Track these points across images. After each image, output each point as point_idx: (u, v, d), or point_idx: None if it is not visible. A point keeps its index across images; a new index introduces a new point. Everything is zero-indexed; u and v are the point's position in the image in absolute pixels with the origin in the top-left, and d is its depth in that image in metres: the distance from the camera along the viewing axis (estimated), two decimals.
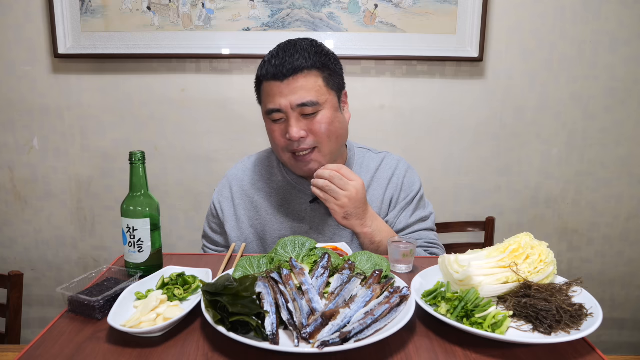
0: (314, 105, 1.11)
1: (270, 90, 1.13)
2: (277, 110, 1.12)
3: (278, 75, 1.10)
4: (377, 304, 0.80)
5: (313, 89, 1.12)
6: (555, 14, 1.87)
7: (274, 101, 1.12)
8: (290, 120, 1.12)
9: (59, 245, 2.09)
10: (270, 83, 1.12)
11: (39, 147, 2.00)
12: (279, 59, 1.11)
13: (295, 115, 1.12)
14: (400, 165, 1.31)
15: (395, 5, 1.84)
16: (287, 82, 1.10)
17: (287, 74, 1.10)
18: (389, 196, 1.28)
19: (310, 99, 1.10)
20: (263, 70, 1.14)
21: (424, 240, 1.26)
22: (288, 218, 1.26)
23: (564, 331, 0.78)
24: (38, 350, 0.76)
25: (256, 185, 1.30)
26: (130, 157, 0.99)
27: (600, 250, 2.08)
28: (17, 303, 1.46)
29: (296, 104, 1.10)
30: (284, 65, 1.10)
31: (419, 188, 1.30)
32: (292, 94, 1.10)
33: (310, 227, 1.26)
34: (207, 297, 0.79)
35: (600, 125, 1.97)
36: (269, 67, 1.12)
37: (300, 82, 1.10)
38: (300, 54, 1.11)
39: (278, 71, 1.10)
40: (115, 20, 1.86)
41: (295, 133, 1.11)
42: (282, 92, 1.11)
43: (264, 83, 1.15)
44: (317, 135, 1.14)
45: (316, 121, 1.13)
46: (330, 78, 1.15)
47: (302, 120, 1.13)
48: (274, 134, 1.16)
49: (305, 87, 1.11)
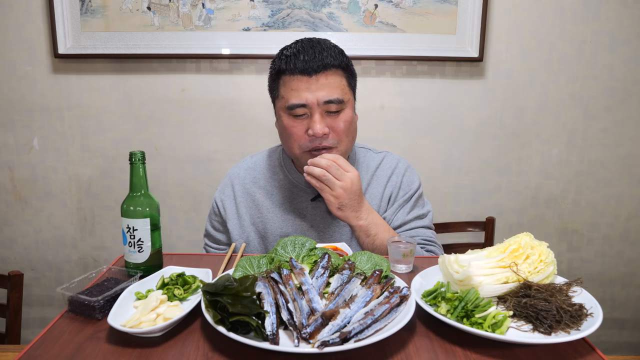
0: (339, 103, 1.13)
1: (296, 85, 1.12)
2: (302, 105, 1.12)
3: (307, 71, 1.11)
4: (377, 304, 0.80)
5: (339, 87, 1.13)
6: (555, 14, 1.87)
7: (299, 96, 1.12)
8: (314, 116, 1.12)
9: (59, 245, 2.09)
10: (297, 77, 1.12)
11: (39, 147, 2.00)
12: (307, 55, 1.11)
13: (320, 112, 1.12)
14: (400, 164, 1.32)
15: (395, 5, 1.84)
16: (315, 78, 1.11)
17: (317, 70, 1.11)
18: (388, 194, 1.29)
19: (337, 96, 1.12)
20: (289, 64, 1.13)
21: (421, 237, 1.26)
22: (289, 216, 1.27)
23: (564, 331, 0.78)
24: (38, 350, 0.76)
25: (258, 183, 1.31)
26: (130, 157, 0.99)
27: (600, 250, 2.08)
28: (17, 303, 1.46)
29: (323, 100, 1.11)
30: (314, 61, 1.10)
31: (418, 186, 1.31)
32: (320, 90, 1.11)
33: (311, 224, 1.26)
34: (207, 297, 0.79)
35: (600, 125, 1.97)
36: (296, 61, 1.12)
37: (328, 79, 1.12)
38: (328, 52, 1.13)
39: (308, 66, 1.10)
40: (115, 20, 1.86)
41: (319, 129, 1.11)
42: (309, 88, 1.11)
43: (287, 77, 1.14)
44: (338, 134, 1.15)
45: (339, 119, 1.14)
46: (350, 78, 1.18)
47: (325, 117, 1.13)
48: (293, 129, 1.15)
49: (332, 85, 1.12)
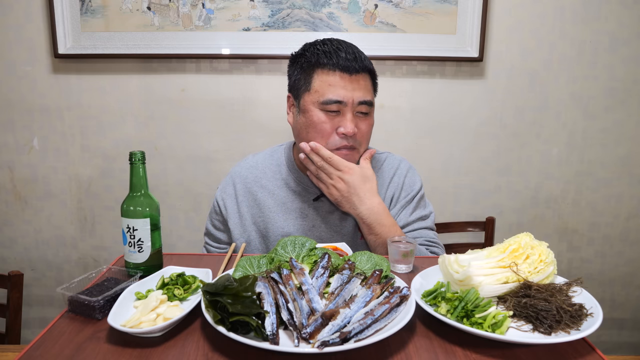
0: (370, 105, 1.16)
1: (333, 81, 1.13)
2: (338, 101, 1.13)
3: (349, 69, 1.13)
4: (377, 304, 0.80)
5: (371, 90, 1.18)
6: (555, 14, 1.87)
7: (336, 92, 1.13)
8: (347, 115, 1.14)
9: (59, 245, 2.09)
10: (337, 74, 1.13)
11: (39, 147, 2.00)
12: (349, 54, 1.14)
13: (352, 111, 1.14)
14: (402, 165, 1.32)
15: (395, 5, 1.84)
16: (355, 77, 1.14)
17: (358, 70, 1.14)
18: (390, 195, 1.29)
19: (369, 98, 1.16)
20: (330, 59, 1.14)
21: (424, 238, 1.26)
22: (291, 215, 1.27)
23: (564, 331, 0.78)
24: (38, 350, 0.76)
25: (259, 182, 1.31)
26: (130, 157, 0.99)
27: (600, 250, 2.08)
28: (17, 303, 1.46)
29: (359, 100, 1.14)
30: (355, 61, 1.13)
31: (420, 187, 1.31)
32: (357, 90, 1.14)
33: (313, 224, 1.26)
34: (207, 297, 0.79)
35: (601, 125, 1.97)
36: (338, 58, 1.13)
37: (364, 81, 1.16)
38: (364, 56, 1.16)
39: (350, 65, 1.13)
40: (115, 20, 1.86)
41: (351, 128, 1.13)
42: (347, 86, 1.13)
43: (325, 72, 1.14)
44: (362, 136, 1.18)
45: (366, 122, 1.18)
46: (375, 85, 1.22)
47: (354, 118, 1.15)
48: (324, 125, 1.15)
49: (366, 87, 1.16)
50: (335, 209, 1.26)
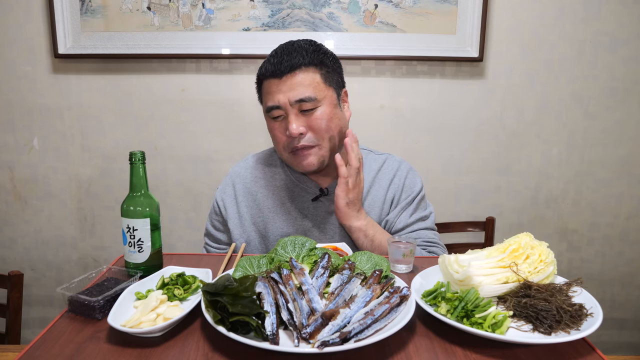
0: (311, 100, 1.13)
1: (269, 88, 1.15)
2: (276, 107, 1.14)
3: (276, 73, 1.13)
4: (377, 304, 0.80)
5: (311, 85, 1.14)
6: (555, 14, 1.87)
7: (272, 98, 1.14)
8: (289, 117, 1.14)
9: (59, 245, 2.09)
10: (270, 81, 1.15)
11: (39, 147, 2.00)
12: (277, 58, 1.14)
13: (294, 112, 1.14)
14: (402, 167, 1.32)
15: (395, 5, 1.84)
16: (285, 79, 1.13)
17: (285, 71, 1.13)
18: (390, 197, 1.29)
19: (307, 94, 1.13)
20: (262, 69, 1.17)
21: (423, 239, 1.26)
22: (290, 216, 1.27)
23: (564, 331, 0.78)
24: (38, 350, 0.76)
25: (259, 183, 1.31)
26: (130, 157, 0.99)
27: (600, 250, 2.08)
28: (17, 303, 1.46)
29: (294, 99, 1.12)
30: (281, 63, 1.13)
31: (420, 189, 1.31)
32: (290, 90, 1.13)
33: (312, 224, 1.26)
34: (207, 297, 0.79)
35: (601, 125, 1.97)
36: (267, 65, 1.16)
37: (298, 78, 1.13)
38: (298, 52, 1.14)
39: (276, 69, 1.13)
40: (115, 20, 1.86)
41: (294, 129, 1.13)
42: (280, 89, 1.13)
43: (264, 82, 1.18)
44: (317, 132, 1.15)
45: (315, 117, 1.15)
46: (328, 75, 1.17)
47: (301, 116, 1.14)
48: (275, 131, 1.18)
49: (303, 83, 1.13)
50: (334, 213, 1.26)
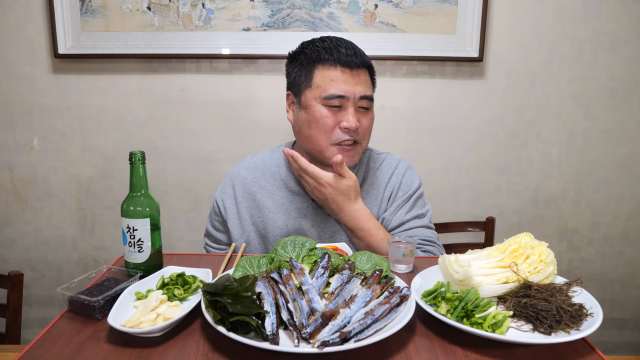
0: (371, 100, 1.18)
1: (335, 76, 1.15)
2: (341, 96, 1.15)
3: (349, 64, 1.15)
4: (377, 304, 0.80)
5: (370, 86, 1.20)
6: (555, 14, 1.87)
7: (338, 87, 1.15)
8: (348, 109, 1.16)
9: (59, 245, 2.09)
10: (338, 69, 1.15)
11: (39, 147, 2.00)
12: (349, 49, 1.16)
13: (355, 106, 1.16)
14: (400, 165, 1.33)
15: (395, 5, 1.84)
16: (356, 73, 1.16)
17: (359, 65, 1.16)
18: (388, 194, 1.29)
19: (370, 93, 1.18)
20: (331, 55, 1.16)
21: (419, 237, 1.26)
22: (290, 216, 1.27)
23: (564, 331, 0.78)
24: (38, 350, 0.76)
25: (259, 183, 1.31)
26: (130, 157, 0.99)
27: (600, 250, 2.08)
28: (17, 303, 1.46)
29: (360, 95, 1.16)
30: (355, 56, 1.15)
31: (418, 187, 1.31)
32: (358, 85, 1.16)
33: (312, 225, 1.26)
34: (207, 297, 0.79)
35: (601, 125, 1.97)
36: (339, 54, 1.15)
37: (364, 76, 1.18)
38: (361, 51, 1.18)
39: (350, 60, 1.15)
40: (115, 20, 1.86)
41: (353, 122, 1.15)
42: (348, 81, 1.15)
43: (326, 67, 1.16)
44: (364, 130, 1.20)
45: (367, 116, 1.20)
46: (373, 81, 1.24)
47: (357, 113, 1.17)
48: (327, 119, 1.16)
49: (367, 82, 1.19)
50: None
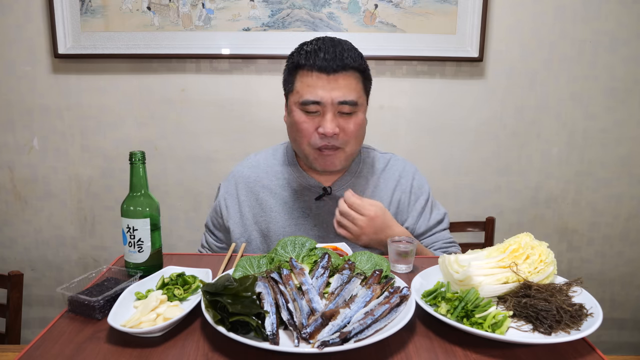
0: (353, 105, 1.12)
1: (312, 82, 1.12)
2: (316, 102, 1.12)
3: (326, 69, 1.10)
4: (377, 304, 0.80)
5: (355, 89, 1.13)
6: (555, 14, 1.87)
7: (315, 93, 1.11)
8: (326, 115, 1.12)
9: (59, 245, 2.09)
10: (314, 74, 1.12)
11: (39, 147, 2.00)
12: (328, 53, 1.11)
13: (333, 111, 1.12)
14: (408, 168, 1.33)
15: (395, 5, 1.84)
16: (333, 77, 1.11)
17: (336, 69, 1.11)
18: (397, 198, 1.29)
19: (352, 98, 1.12)
20: (309, 60, 1.12)
21: (443, 241, 1.29)
22: (293, 215, 1.27)
23: (564, 331, 0.78)
24: (38, 350, 0.76)
25: (261, 182, 1.31)
26: (130, 157, 0.99)
27: (600, 250, 2.08)
28: (17, 303, 1.46)
29: (338, 100, 1.11)
30: (334, 60, 1.10)
31: (429, 190, 1.33)
32: (336, 89, 1.11)
33: (315, 224, 1.26)
34: (207, 297, 0.79)
35: (601, 125, 1.97)
36: (316, 58, 1.11)
37: (346, 80, 1.12)
38: (348, 53, 1.13)
39: (327, 64, 1.10)
40: (115, 20, 1.86)
41: (330, 129, 1.11)
42: (325, 86, 1.11)
43: (304, 72, 1.14)
44: (348, 136, 1.15)
45: (351, 121, 1.14)
46: (366, 83, 1.18)
47: (338, 117, 1.13)
48: (303, 125, 1.15)
49: (349, 86, 1.12)
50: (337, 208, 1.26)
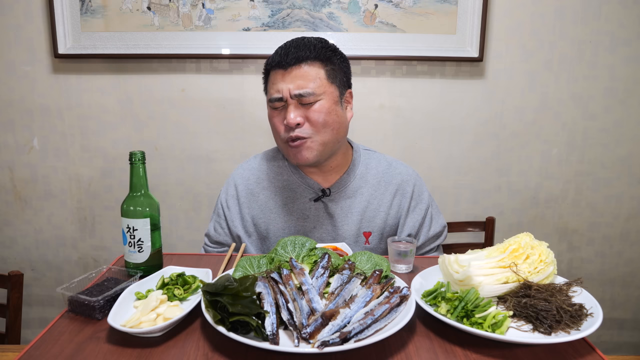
0: (310, 95, 1.15)
1: (274, 78, 1.18)
2: (278, 98, 1.17)
3: (282, 64, 1.16)
4: (377, 304, 0.80)
5: (313, 79, 1.16)
6: (555, 14, 1.87)
7: (275, 88, 1.17)
8: (288, 107, 1.16)
9: (59, 245, 2.09)
10: (275, 71, 1.18)
11: (39, 147, 2.00)
12: (285, 49, 1.17)
13: (294, 103, 1.16)
14: (410, 172, 1.33)
15: (395, 5, 1.84)
16: (289, 70, 1.16)
17: (291, 63, 1.15)
18: (397, 203, 1.29)
19: (307, 89, 1.15)
20: (273, 60, 1.19)
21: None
22: (292, 216, 1.27)
23: (564, 331, 0.78)
24: (38, 350, 0.76)
25: (261, 184, 1.31)
26: (130, 157, 0.99)
27: (600, 250, 2.08)
28: (17, 303, 1.46)
29: (294, 92, 1.15)
30: (288, 55, 1.16)
31: (429, 198, 1.33)
32: (292, 82, 1.15)
33: (314, 225, 1.26)
34: (207, 297, 0.80)
35: (601, 125, 1.97)
36: (275, 56, 1.18)
37: (301, 71, 1.16)
38: (306, 46, 1.17)
39: (282, 60, 1.16)
40: (115, 20, 1.86)
41: (291, 119, 1.15)
42: (284, 80, 1.16)
43: (271, 72, 1.21)
44: (313, 124, 1.17)
45: (313, 110, 1.16)
46: (332, 72, 1.19)
47: (301, 108, 1.16)
48: (273, 120, 1.21)
49: (306, 77, 1.15)
50: (335, 210, 1.26)
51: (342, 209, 1.26)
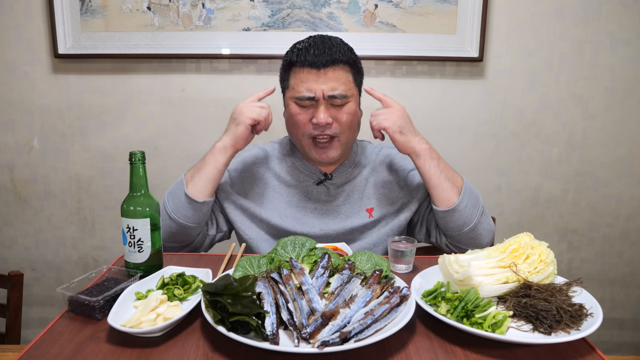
0: (343, 97, 1.19)
1: (305, 77, 1.19)
2: (310, 97, 1.18)
3: (317, 64, 1.17)
4: (377, 304, 0.81)
5: (344, 82, 1.20)
6: (555, 14, 1.87)
7: (308, 87, 1.18)
8: (319, 107, 1.18)
9: (59, 245, 2.09)
10: (306, 70, 1.19)
11: (39, 147, 2.00)
12: (318, 49, 1.18)
13: (325, 103, 1.18)
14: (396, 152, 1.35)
15: (395, 5, 1.84)
16: (323, 72, 1.18)
17: (326, 64, 1.17)
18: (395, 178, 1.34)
19: (340, 91, 1.19)
20: (300, 57, 1.19)
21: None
22: (294, 197, 1.30)
23: (564, 331, 0.78)
24: (38, 350, 0.76)
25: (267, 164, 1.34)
26: (130, 157, 0.99)
27: (600, 250, 2.08)
28: (17, 303, 1.46)
29: (328, 94, 1.17)
30: (322, 56, 1.17)
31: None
32: (326, 83, 1.18)
33: (315, 207, 1.30)
34: (207, 297, 0.80)
35: (600, 125, 1.97)
36: (307, 55, 1.18)
37: (335, 73, 1.19)
38: (337, 48, 1.19)
39: (317, 60, 1.17)
40: (115, 20, 1.86)
41: (323, 119, 1.17)
42: (317, 80, 1.18)
43: (297, 69, 1.21)
44: (341, 125, 1.21)
45: (342, 111, 1.20)
46: (356, 75, 1.24)
47: (330, 108, 1.20)
48: (298, 117, 1.21)
49: (339, 79, 1.19)
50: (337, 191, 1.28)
51: (344, 190, 1.31)
